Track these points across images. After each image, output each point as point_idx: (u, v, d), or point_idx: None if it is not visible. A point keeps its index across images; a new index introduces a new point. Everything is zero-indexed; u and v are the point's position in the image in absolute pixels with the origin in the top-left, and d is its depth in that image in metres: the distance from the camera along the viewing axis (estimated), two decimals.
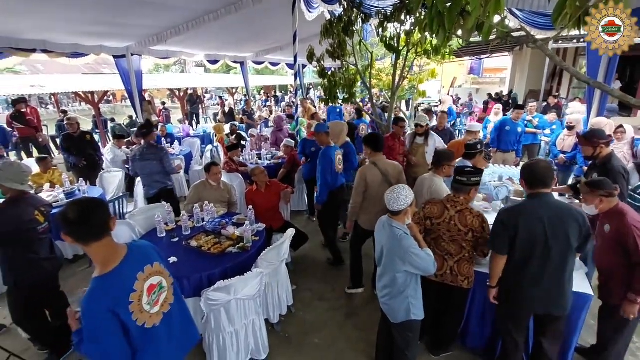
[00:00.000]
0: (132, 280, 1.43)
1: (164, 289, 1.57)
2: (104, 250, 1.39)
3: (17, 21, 5.21)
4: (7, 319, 3.14)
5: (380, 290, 2.25)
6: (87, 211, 1.34)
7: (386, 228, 2.15)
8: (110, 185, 4.90)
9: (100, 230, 1.37)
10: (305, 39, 6.53)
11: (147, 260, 1.53)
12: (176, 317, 1.65)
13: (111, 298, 1.35)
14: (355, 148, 4.52)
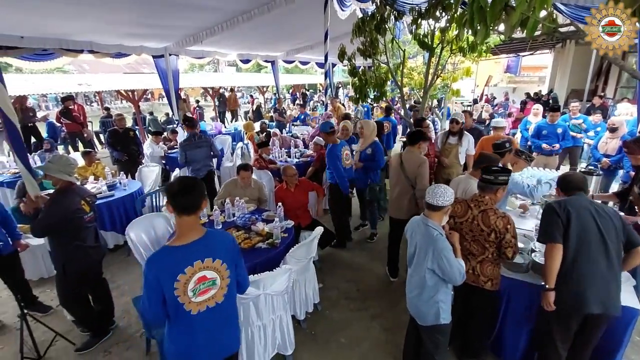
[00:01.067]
0: (187, 264, 1.51)
1: (215, 286, 1.60)
2: (185, 225, 1.55)
3: (67, 24, 5.58)
4: (54, 302, 3.40)
5: (410, 292, 2.21)
6: (188, 187, 1.52)
7: (420, 227, 2.10)
8: (147, 179, 5.14)
9: (191, 207, 1.52)
10: (335, 37, 6.51)
11: (211, 253, 1.57)
12: (219, 318, 1.66)
13: (162, 269, 1.51)
14: (382, 147, 4.46)
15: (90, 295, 2.88)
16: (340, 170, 3.93)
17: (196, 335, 1.61)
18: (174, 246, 1.54)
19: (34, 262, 3.68)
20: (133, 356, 2.77)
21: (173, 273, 1.50)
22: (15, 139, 2.52)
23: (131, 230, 3.06)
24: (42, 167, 2.48)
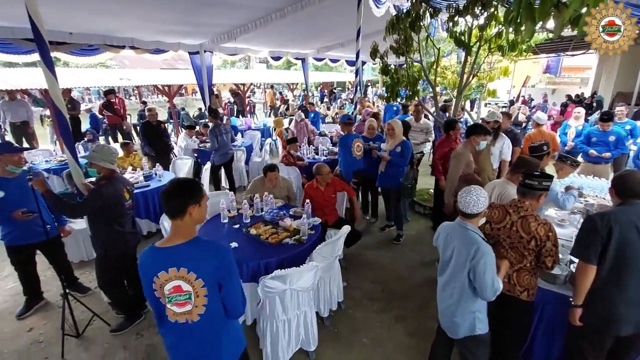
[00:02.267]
0: (161, 269, 1.44)
1: (189, 302, 1.46)
2: (172, 228, 1.50)
3: (111, 21, 5.87)
4: (92, 284, 3.61)
5: (443, 301, 2.11)
6: (171, 192, 1.46)
7: (457, 231, 2.00)
8: (180, 171, 5.34)
9: (171, 211, 1.46)
10: (367, 35, 6.44)
11: (187, 264, 1.43)
12: (193, 340, 1.53)
13: (141, 267, 1.51)
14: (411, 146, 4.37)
15: (125, 280, 3.03)
16: (346, 158, 4.49)
17: (175, 343, 1.57)
18: (156, 247, 1.49)
19: (76, 246, 3.93)
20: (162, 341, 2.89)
21: (149, 274, 1.47)
22: (64, 129, 2.69)
23: (164, 220, 3.18)
24: (87, 156, 2.64)
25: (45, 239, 2.83)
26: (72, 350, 2.80)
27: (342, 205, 4.15)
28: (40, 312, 3.27)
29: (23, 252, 3.05)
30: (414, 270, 3.91)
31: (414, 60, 5.28)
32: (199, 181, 1.66)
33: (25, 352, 2.81)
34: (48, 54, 2.57)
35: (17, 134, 7.52)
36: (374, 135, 4.78)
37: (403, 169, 4.25)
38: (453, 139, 4.37)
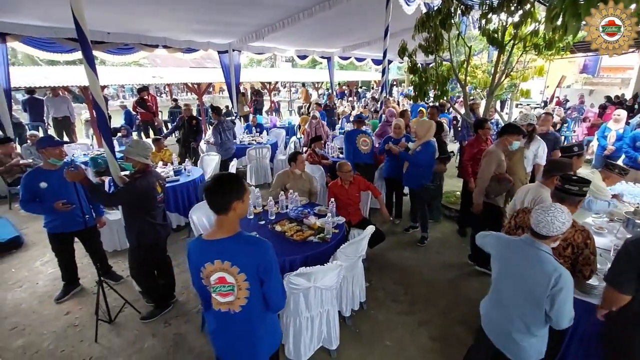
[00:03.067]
0: (207, 260, 1.51)
1: (234, 293, 1.54)
2: (217, 222, 1.55)
3: (145, 21, 6.12)
4: (124, 272, 3.78)
5: (501, 324, 1.90)
6: (216, 188, 1.49)
7: (524, 249, 1.77)
8: (208, 167, 5.48)
9: (217, 207, 1.50)
10: (394, 33, 6.35)
11: (231, 258, 1.49)
12: (234, 329, 1.60)
13: (190, 257, 1.60)
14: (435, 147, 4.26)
15: (155, 270, 3.15)
16: (349, 152, 4.91)
17: (216, 329, 1.66)
18: (203, 239, 1.55)
19: (110, 236, 4.12)
20: (190, 330, 2.99)
21: (197, 263, 1.55)
22: (103, 124, 2.84)
23: (194, 213, 3.28)
24: (123, 151, 2.77)
25: (84, 228, 3.00)
26: (104, 335, 2.94)
27: (366, 205, 4.12)
28: (76, 297, 3.46)
29: (63, 239, 3.25)
30: (439, 274, 3.83)
31: (443, 59, 5.16)
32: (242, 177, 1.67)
33: (62, 334, 2.98)
34: (90, 52, 2.71)
35: (58, 128, 7.99)
36: (401, 135, 4.71)
37: (426, 170, 4.16)
38: (483, 139, 4.24)
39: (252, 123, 8.10)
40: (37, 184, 2.94)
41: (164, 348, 2.81)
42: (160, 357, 2.72)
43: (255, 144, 6.79)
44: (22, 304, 3.39)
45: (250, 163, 6.45)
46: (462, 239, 4.64)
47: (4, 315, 3.23)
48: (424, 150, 4.09)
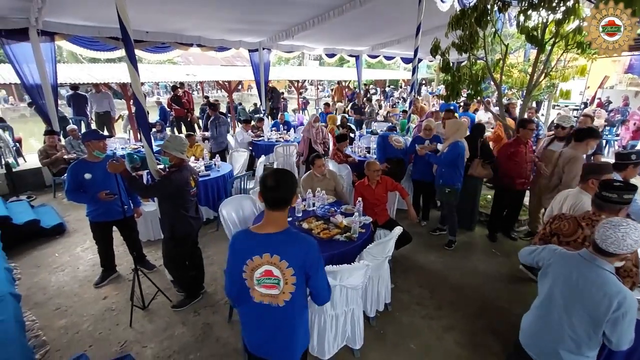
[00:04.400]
0: (256, 253, 1.52)
1: (279, 287, 1.55)
2: (269, 217, 1.55)
3: (181, 20, 6.33)
4: (157, 262, 3.95)
5: (552, 342, 1.78)
6: (279, 183, 1.50)
7: (584, 266, 1.65)
8: (237, 163, 5.62)
9: (278, 203, 1.52)
10: (426, 31, 6.21)
11: (280, 252, 1.52)
12: (275, 321, 1.60)
13: (237, 249, 1.59)
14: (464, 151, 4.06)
15: (187, 261, 3.27)
16: (380, 148, 5.02)
17: (254, 322, 1.64)
18: (252, 232, 1.57)
19: (145, 226, 4.31)
20: (217, 320, 3.09)
21: (244, 256, 1.55)
22: (142, 120, 2.97)
23: (223, 207, 3.38)
24: (162, 145, 2.89)
25: (123, 218, 3.17)
26: (138, 320, 3.09)
27: (393, 206, 4.07)
28: (113, 283, 3.66)
29: (103, 228, 3.45)
30: (466, 279, 3.73)
31: (478, 57, 4.99)
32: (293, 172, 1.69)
33: (100, 317, 3.16)
34: (133, 51, 2.84)
35: (100, 122, 8.45)
36: (430, 136, 4.62)
37: (452, 171, 4.02)
38: (523, 141, 4.08)
39: (279, 121, 8.20)
40: (82, 175, 3.14)
41: (193, 336, 2.91)
42: (189, 344, 2.83)
43: (282, 142, 6.87)
44: (65, 286, 3.62)
45: (277, 160, 6.53)
46: (491, 244, 4.49)
47: (49, 297, 3.47)
48: (451, 151, 3.98)
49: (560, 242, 2.07)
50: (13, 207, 4.92)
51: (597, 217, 1.98)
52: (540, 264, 1.92)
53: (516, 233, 4.69)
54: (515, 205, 4.49)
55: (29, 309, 3.24)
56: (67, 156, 5.87)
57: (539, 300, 1.93)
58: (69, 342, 2.88)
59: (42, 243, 4.48)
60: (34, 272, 3.89)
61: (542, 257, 1.90)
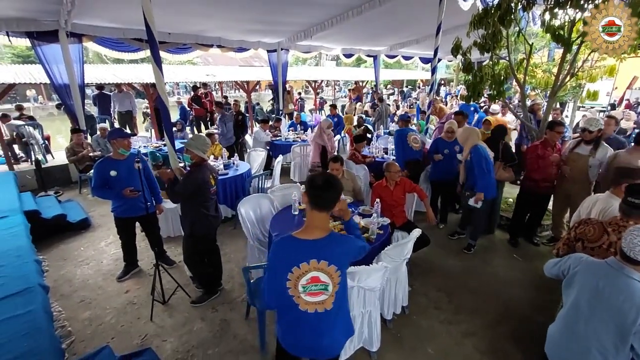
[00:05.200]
0: (303, 260, 1.51)
1: (327, 292, 1.54)
2: (314, 220, 1.55)
3: (202, 22, 6.45)
4: (176, 258, 4.04)
5: (574, 354, 1.75)
6: (329, 184, 1.52)
7: (611, 274, 1.60)
8: (254, 162, 5.68)
9: (326, 204, 1.54)
10: (446, 30, 6.10)
11: (328, 257, 1.51)
12: (325, 324, 1.59)
13: (281, 256, 1.57)
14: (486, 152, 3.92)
15: (206, 258, 3.32)
16: (399, 150, 4.95)
17: (299, 329, 1.60)
18: (297, 237, 1.55)
19: (165, 223, 4.42)
20: (234, 317, 3.13)
21: (289, 263, 1.52)
22: (166, 119, 3.05)
23: (242, 206, 3.42)
24: (186, 143, 2.95)
25: (145, 214, 3.26)
26: (158, 315, 3.17)
27: (412, 208, 4.02)
28: (135, 278, 3.76)
29: (127, 223, 3.55)
30: (486, 284, 3.64)
31: (500, 56, 4.86)
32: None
33: (122, 310, 3.26)
34: (158, 52, 2.93)
35: (122, 121, 8.71)
36: (452, 139, 4.53)
37: (486, 179, 3.85)
38: (551, 144, 3.96)
39: (296, 120, 8.24)
40: (108, 172, 3.25)
41: (211, 332, 2.96)
42: (208, 340, 2.88)
43: (299, 142, 6.90)
44: (89, 279, 3.75)
45: (294, 160, 6.57)
46: (512, 248, 4.38)
47: (74, 289, 3.60)
48: (474, 156, 3.86)
49: (584, 247, 2.00)
50: (42, 201, 5.13)
51: (624, 223, 1.90)
52: (565, 273, 1.86)
53: (538, 238, 4.55)
54: (539, 209, 4.35)
55: (56, 300, 3.36)
56: (92, 154, 6.08)
57: (565, 310, 1.87)
58: (93, 334, 2.98)
59: (69, 237, 4.65)
60: (60, 264, 4.04)
61: (567, 266, 1.85)
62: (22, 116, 7.72)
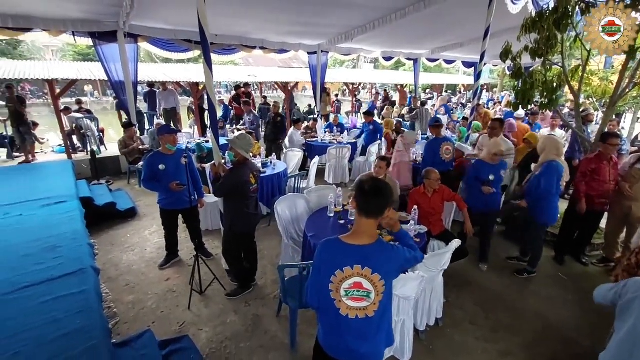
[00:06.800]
0: (347, 264, 1.50)
1: (369, 299, 1.52)
2: (362, 226, 1.53)
3: (246, 24, 6.64)
4: (213, 251, 4.20)
5: None
6: (378, 191, 1.49)
7: None
8: (291, 162, 5.78)
9: (374, 211, 1.51)
10: (493, 34, 5.84)
11: (373, 265, 1.50)
12: (366, 331, 1.56)
13: (326, 258, 1.57)
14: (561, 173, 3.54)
15: (243, 253, 3.43)
16: (428, 161, 4.68)
17: (339, 333, 1.59)
18: (344, 242, 1.54)
19: (204, 216, 4.60)
20: (266, 313, 3.20)
21: (333, 266, 1.52)
22: (213, 117, 3.19)
23: (279, 205, 3.49)
24: (230, 141, 3.07)
25: (189, 207, 3.42)
26: (195, 304, 3.31)
27: (450, 217, 3.90)
28: (175, 267, 3.96)
29: (171, 215, 3.76)
30: (527, 303, 3.45)
31: (553, 62, 4.58)
32: None
33: (162, 297, 3.44)
34: (209, 53, 3.07)
35: (167, 118, 9.19)
36: (498, 162, 3.81)
37: (549, 202, 3.57)
38: (607, 157, 3.68)
39: (333, 122, 8.27)
40: (157, 166, 3.46)
41: (244, 326, 3.05)
42: (240, 333, 2.96)
43: (335, 144, 6.92)
44: (134, 265, 4.00)
45: (330, 162, 6.60)
46: (558, 267, 4.11)
47: (120, 273, 3.85)
48: (547, 173, 3.51)
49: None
50: (95, 189, 5.55)
51: None
52: (622, 298, 1.72)
53: (587, 258, 4.23)
54: (590, 227, 4.06)
55: (104, 282, 3.61)
56: (141, 147, 6.47)
57: (619, 337, 1.73)
58: (135, 317, 3.17)
59: (117, 224, 4.99)
60: (108, 249, 4.34)
61: (625, 291, 1.71)
62: (81, 109, 8.39)
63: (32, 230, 3.56)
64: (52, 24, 5.62)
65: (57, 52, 26.73)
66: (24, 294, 2.59)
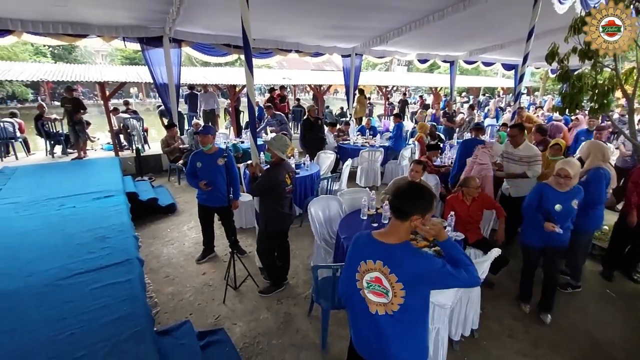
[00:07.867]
0: (371, 257, 1.53)
1: (387, 297, 1.51)
2: (391, 225, 1.55)
3: (282, 28, 6.78)
4: (247, 248, 4.32)
5: None
6: (403, 193, 1.49)
7: None
8: (323, 164, 5.82)
9: (399, 212, 1.50)
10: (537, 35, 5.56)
11: (393, 265, 1.48)
12: (391, 333, 1.55)
13: (355, 248, 1.64)
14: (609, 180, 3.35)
15: (276, 252, 3.51)
16: (461, 161, 4.45)
17: (365, 327, 1.62)
18: (373, 237, 1.58)
19: (238, 215, 4.75)
20: (298, 312, 3.25)
21: (360, 256, 1.58)
22: (252, 119, 3.31)
23: (312, 206, 3.54)
24: (267, 142, 3.17)
25: (225, 205, 3.55)
26: (230, 299, 3.43)
27: (488, 225, 3.77)
28: (211, 262, 4.12)
29: (207, 211, 3.94)
30: (571, 319, 3.26)
31: (604, 65, 4.30)
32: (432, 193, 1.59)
33: (199, 290, 3.59)
34: (251, 56, 3.19)
35: (206, 118, 9.58)
36: (569, 187, 2.95)
37: (595, 211, 3.37)
38: None
39: (366, 125, 8.25)
40: (195, 163, 3.66)
41: (275, 323, 3.12)
42: (272, 330, 3.03)
43: (368, 147, 6.89)
44: (173, 258, 4.20)
45: (362, 165, 6.58)
46: (606, 283, 3.84)
47: (160, 265, 4.06)
48: (594, 181, 3.34)
49: None
50: (139, 185, 5.89)
51: None
52: None
53: (639, 274, 3.93)
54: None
55: (146, 273, 3.80)
56: (182, 146, 6.80)
57: None
58: (174, 308, 3.33)
59: (158, 218, 5.27)
60: (150, 242, 4.59)
61: None
62: (128, 110, 8.95)
63: (85, 221, 3.84)
64: (106, 30, 6.05)
65: (106, 57, 28.67)
66: (78, 280, 2.81)
